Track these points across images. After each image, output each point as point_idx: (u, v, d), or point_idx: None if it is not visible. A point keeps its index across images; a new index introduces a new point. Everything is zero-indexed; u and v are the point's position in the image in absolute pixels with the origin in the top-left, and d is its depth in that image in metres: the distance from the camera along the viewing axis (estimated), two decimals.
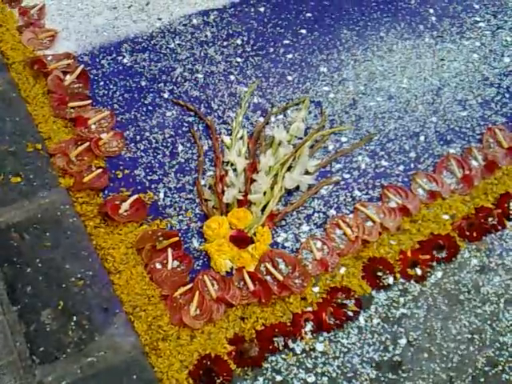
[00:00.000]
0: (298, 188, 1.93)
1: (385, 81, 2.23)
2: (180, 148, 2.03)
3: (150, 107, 2.14)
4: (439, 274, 1.75)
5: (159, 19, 2.42)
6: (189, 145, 2.04)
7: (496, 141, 2.02)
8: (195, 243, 1.81)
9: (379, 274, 1.73)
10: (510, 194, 1.88)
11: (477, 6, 2.42)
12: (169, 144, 2.04)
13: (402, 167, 1.99)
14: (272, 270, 1.73)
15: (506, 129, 2.05)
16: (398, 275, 1.73)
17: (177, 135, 2.07)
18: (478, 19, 2.38)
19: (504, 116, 2.09)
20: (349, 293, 1.69)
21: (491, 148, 2.01)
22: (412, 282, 1.73)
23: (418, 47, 2.31)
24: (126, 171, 1.96)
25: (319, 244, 1.80)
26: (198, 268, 1.75)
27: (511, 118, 2.08)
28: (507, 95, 2.14)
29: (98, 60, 2.26)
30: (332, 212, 1.89)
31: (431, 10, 2.42)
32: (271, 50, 2.33)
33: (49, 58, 2.21)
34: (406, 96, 2.18)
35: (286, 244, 1.81)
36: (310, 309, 1.67)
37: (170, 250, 1.75)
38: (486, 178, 1.93)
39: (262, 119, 2.12)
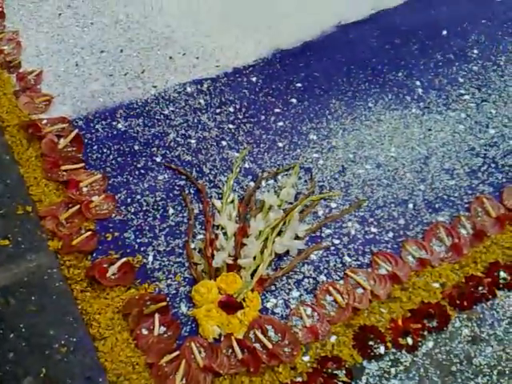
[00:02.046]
0: (288, 253, 1.90)
1: (373, 149, 2.24)
2: (171, 211, 2.01)
3: (142, 171, 2.13)
4: (430, 344, 1.69)
5: (154, 87, 2.45)
6: (180, 208, 2.02)
7: (484, 210, 2.01)
8: (183, 308, 1.75)
9: (370, 343, 1.67)
10: (499, 263, 1.85)
11: (461, 80, 2.47)
12: (160, 207, 2.02)
13: (391, 234, 1.97)
14: (261, 337, 1.66)
15: (493, 198, 2.05)
16: (389, 344, 1.68)
17: (168, 198, 2.05)
18: (463, 92, 2.43)
19: (491, 185, 2.10)
20: (340, 363, 1.63)
21: (479, 217, 2.00)
22: (403, 351, 1.67)
23: (406, 117, 2.35)
24: (116, 234, 1.92)
25: (309, 311, 1.75)
26: (186, 334, 1.69)
27: (498, 187, 2.09)
28: (493, 165, 2.16)
29: (92, 124, 2.27)
30: (322, 278, 1.85)
31: (418, 83, 2.48)
32: (262, 117, 2.36)
33: (44, 122, 2.21)
34: (394, 164, 2.19)
35: (275, 310, 1.76)
36: (299, 379, 1.60)
37: (157, 316, 1.69)
38: (475, 246, 1.91)
39: (252, 184, 2.11)
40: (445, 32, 2.68)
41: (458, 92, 2.42)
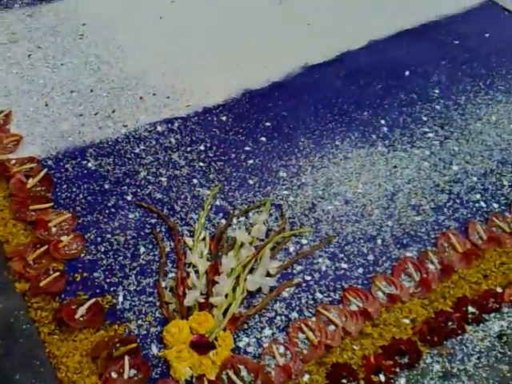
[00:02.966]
0: (259, 290, 1.87)
1: (341, 186, 2.25)
2: (142, 250, 1.97)
3: (112, 209, 2.08)
4: (403, 381, 1.67)
5: (125, 126, 2.43)
6: (151, 246, 1.98)
7: (450, 245, 2.02)
8: (154, 349, 1.69)
9: (343, 381, 1.64)
10: (467, 298, 1.86)
11: (425, 118, 2.52)
12: (130, 246, 1.97)
13: (361, 270, 1.97)
14: (234, 377, 1.62)
15: (459, 233, 2.07)
16: (362, 382, 1.65)
17: (139, 237, 2.01)
18: (426, 130, 2.47)
19: (456, 221, 2.12)
20: None
21: (446, 252, 2.01)
22: None
23: (372, 155, 2.37)
24: (85, 274, 1.87)
25: (282, 349, 1.72)
26: (157, 376, 1.63)
27: (463, 223, 2.11)
28: (458, 201, 2.19)
29: (62, 164, 2.23)
30: (294, 315, 1.82)
31: (383, 121, 2.51)
32: (233, 155, 2.35)
33: (12, 162, 2.17)
34: (362, 201, 2.20)
35: (248, 349, 1.72)
36: None
37: (126, 358, 1.63)
38: (443, 281, 1.92)
39: (224, 221, 2.09)
40: (407, 73, 2.74)
41: (421, 130, 2.47)
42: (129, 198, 2.13)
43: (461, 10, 3.13)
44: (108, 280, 1.86)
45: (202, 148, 2.37)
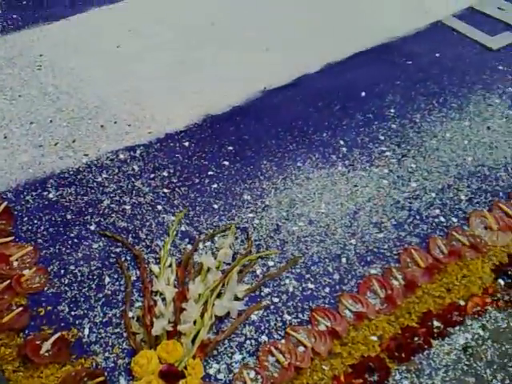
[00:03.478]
0: (228, 314, 1.85)
1: (305, 207, 2.26)
2: (107, 280, 1.93)
3: (75, 240, 2.04)
4: None
5: (86, 155, 2.39)
6: (116, 276, 1.94)
7: (413, 260, 2.04)
8: (123, 382, 1.65)
9: None
10: (432, 312, 1.87)
11: (382, 137, 2.56)
12: (95, 276, 1.93)
13: (327, 289, 1.96)
14: None
15: (420, 249, 2.09)
16: None
17: (104, 267, 1.96)
18: (384, 149, 2.51)
19: (417, 236, 2.14)
20: None
21: (409, 268, 2.02)
22: None
23: (333, 175, 2.39)
24: (49, 308, 1.82)
25: (253, 374, 1.69)
26: None
27: (424, 238, 2.14)
28: (418, 217, 2.22)
29: (22, 196, 2.17)
30: (264, 338, 1.80)
31: (342, 142, 2.54)
32: (197, 180, 2.34)
33: None
34: (325, 220, 2.20)
35: (218, 376, 1.69)
36: None
37: None
38: (408, 297, 1.93)
39: (190, 247, 2.06)
40: (363, 94, 2.79)
41: (379, 149, 2.50)
42: (92, 227, 2.09)
43: (412, 32, 3.21)
44: (73, 313, 1.81)
45: (165, 174, 2.35)
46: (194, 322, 1.78)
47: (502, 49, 3.07)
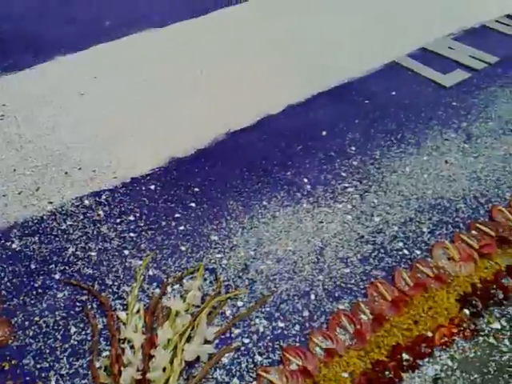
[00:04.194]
0: (198, 359, 1.79)
1: (272, 245, 2.24)
2: (73, 330, 1.86)
3: (40, 290, 1.97)
4: None
5: (50, 203, 2.34)
6: (82, 325, 1.87)
7: (379, 294, 2.04)
8: None
9: None
10: (401, 345, 1.85)
11: (344, 174, 2.59)
12: (61, 327, 1.86)
13: (297, 327, 1.93)
14: None
15: (386, 282, 2.09)
16: None
17: (69, 316, 1.90)
18: (346, 185, 2.53)
19: (383, 270, 2.14)
20: None
21: (376, 301, 2.01)
22: None
23: (298, 212, 2.39)
24: (14, 362, 1.74)
25: None
26: None
27: (389, 271, 2.14)
28: (382, 251, 2.22)
29: None
30: (235, 381, 1.75)
31: (305, 180, 2.56)
32: (163, 223, 2.31)
33: None
34: (292, 258, 2.19)
35: None
36: None
37: None
38: (377, 331, 1.91)
39: (158, 291, 2.01)
40: (324, 133, 2.83)
41: (342, 186, 2.52)
42: (57, 276, 2.03)
43: (369, 72, 3.30)
44: (38, 366, 1.73)
45: (131, 218, 2.31)
46: (164, 369, 1.72)
47: (454, 86, 3.17)
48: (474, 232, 2.26)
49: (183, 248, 2.21)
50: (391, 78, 3.23)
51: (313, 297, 2.04)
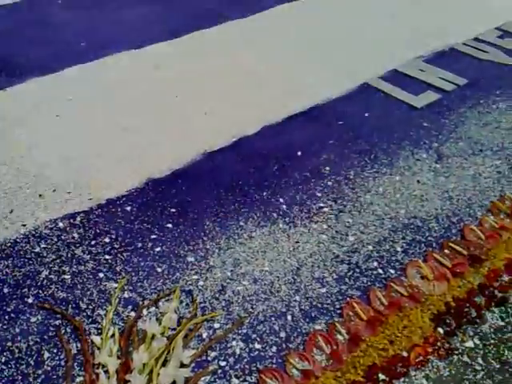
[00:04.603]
0: (174, 383, 1.76)
1: (249, 265, 2.23)
2: (46, 355, 1.81)
3: (12, 315, 1.92)
4: None
5: (23, 225, 2.29)
6: (56, 350, 1.83)
7: (355, 314, 2.03)
8: None
9: None
10: (377, 365, 1.85)
11: (319, 194, 2.60)
12: (33, 352, 1.81)
13: (274, 348, 1.92)
14: None
15: (361, 301, 2.09)
16: None
17: (42, 341, 1.85)
18: (321, 205, 2.54)
19: (358, 289, 2.14)
20: None
21: (352, 321, 2.01)
22: None
23: (275, 233, 2.39)
24: None
25: None
26: None
27: (364, 290, 2.14)
28: (357, 270, 2.23)
29: None
30: None
31: (281, 200, 2.56)
32: (139, 244, 2.28)
33: None
34: (269, 278, 2.18)
35: None
36: None
37: None
38: (353, 351, 1.90)
39: (133, 314, 1.98)
40: (299, 153, 2.84)
41: (317, 205, 2.53)
42: (30, 300, 1.98)
43: (342, 94, 3.34)
44: None
45: (106, 240, 2.28)
46: None
47: (425, 107, 3.22)
48: (446, 251, 2.28)
49: (159, 270, 2.18)
50: (364, 100, 3.28)
51: (289, 317, 2.03)
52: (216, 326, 1.98)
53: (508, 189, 2.61)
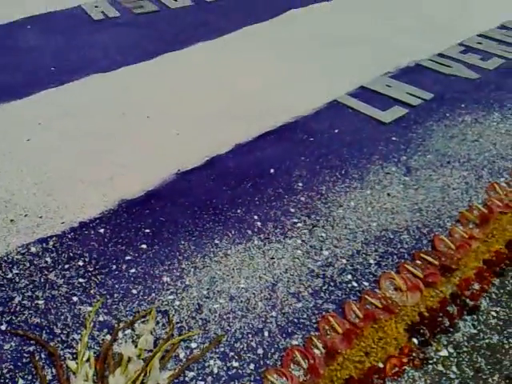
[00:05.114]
0: None
1: (225, 283, 2.22)
2: (20, 382, 1.77)
3: None
4: None
5: None
6: (30, 377, 1.79)
7: (331, 327, 2.04)
8: None
9: None
10: (354, 378, 1.85)
11: (293, 210, 2.61)
12: (7, 380, 1.77)
13: (252, 365, 1.90)
14: None
15: (337, 315, 2.10)
16: None
17: (17, 368, 1.81)
18: (295, 221, 2.56)
19: (333, 303, 2.15)
20: None
21: (328, 335, 2.01)
22: None
23: (250, 250, 2.39)
24: None
25: None
26: None
27: (339, 304, 2.15)
28: (332, 284, 2.24)
29: None
30: None
31: (256, 217, 2.57)
32: (114, 266, 2.25)
33: None
34: (245, 295, 2.18)
35: None
36: None
37: None
38: (330, 364, 1.90)
39: (109, 337, 1.95)
40: (272, 170, 2.86)
41: (291, 221, 2.55)
42: (3, 327, 1.94)
43: (312, 111, 3.38)
44: None
45: (80, 263, 2.25)
46: None
47: (393, 122, 3.28)
48: (418, 262, 2.31)
49: (134, 291, 2.16)
50: (334, 117, 3.32)
51: (266, 334, 2.03)
52: (193, 345, 1.96)
53: (476, 199, 2.67)
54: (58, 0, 4.89)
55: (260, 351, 1.96)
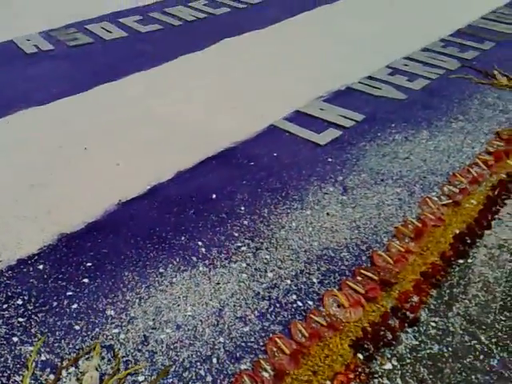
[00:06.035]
0: None
1: (171, 312, 2.18)
2: None
3: None
4: None
5: None
6: None
7: (278, 349, 2.03)
8: None
9: None
10: None
11: (236, 234, 2.61)
12: None
13: None
14: None
15: (284, 336, 2.09)
16: None
17: None
18: (239, 244, 2.55)
19: (280, 324, 2.14)
20: None
21: (276, 356, 2.00)
22: None
23: (195, 276, 2.36)
24: None
25: None
26: None
27: (286, 324, 2.14)
28: (278, 305, 2.23)
29: None
30: None
31: (200, 243, 2.54)
32: (55, 303, 2.17)
33: None
34: (192, 323, 2.14)
35: None
36: None
37: None
38: None
39: (52, 376, 1.86)
40: (214, 195, 2.85)
41: (235, 245, 2.54)
42: None
43: (251, 135, 3.41)
44: None
45: (19, 302, 2.15)
46: None
47: (328, 143, 3.35)
48: (359, 278, 2.35)
49: (77, 327, 2.08)
50: (272, 141, 3.36)
51: (215, 360, 1.99)
52: (140, 378, 1.91)
53: (410, 214, 2.76)
54: None
55: (209, 379, 1.92)
